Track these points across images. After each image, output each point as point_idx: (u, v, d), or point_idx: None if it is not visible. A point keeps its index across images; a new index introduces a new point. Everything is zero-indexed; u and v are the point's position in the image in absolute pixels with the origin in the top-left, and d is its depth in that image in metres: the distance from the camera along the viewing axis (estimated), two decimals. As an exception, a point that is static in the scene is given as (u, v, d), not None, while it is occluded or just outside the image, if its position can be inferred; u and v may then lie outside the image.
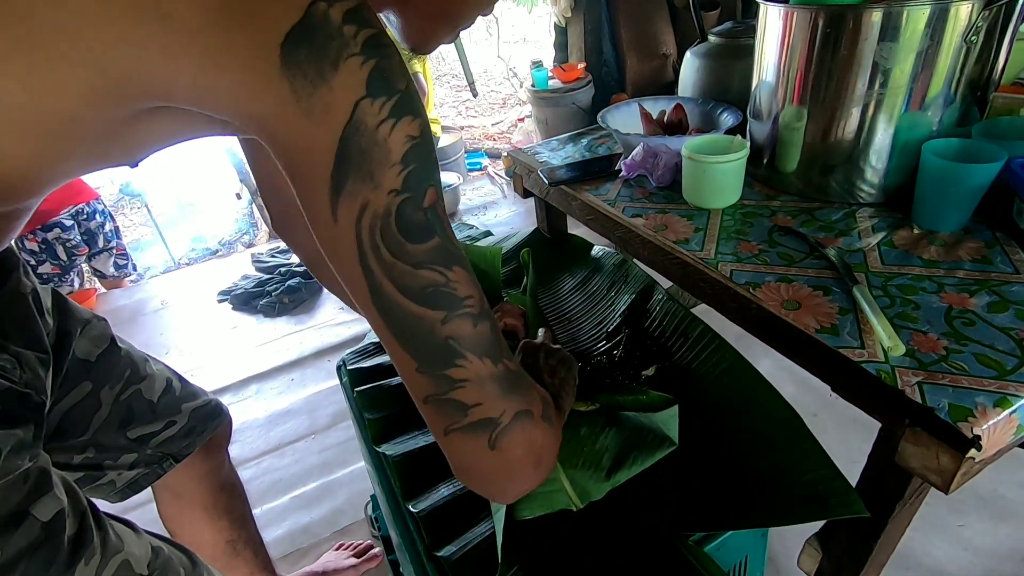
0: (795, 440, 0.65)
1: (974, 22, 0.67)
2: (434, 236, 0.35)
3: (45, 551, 0.44)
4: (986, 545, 1.07)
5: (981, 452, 0.48)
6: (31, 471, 0.46)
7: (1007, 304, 0.59)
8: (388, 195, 0.34)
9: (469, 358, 0.37)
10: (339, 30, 0.32)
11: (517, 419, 0.39)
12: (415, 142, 0.34)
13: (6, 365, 0.49)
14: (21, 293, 0.55)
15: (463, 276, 0.36)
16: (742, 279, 0.69)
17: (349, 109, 0.32)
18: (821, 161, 0.82)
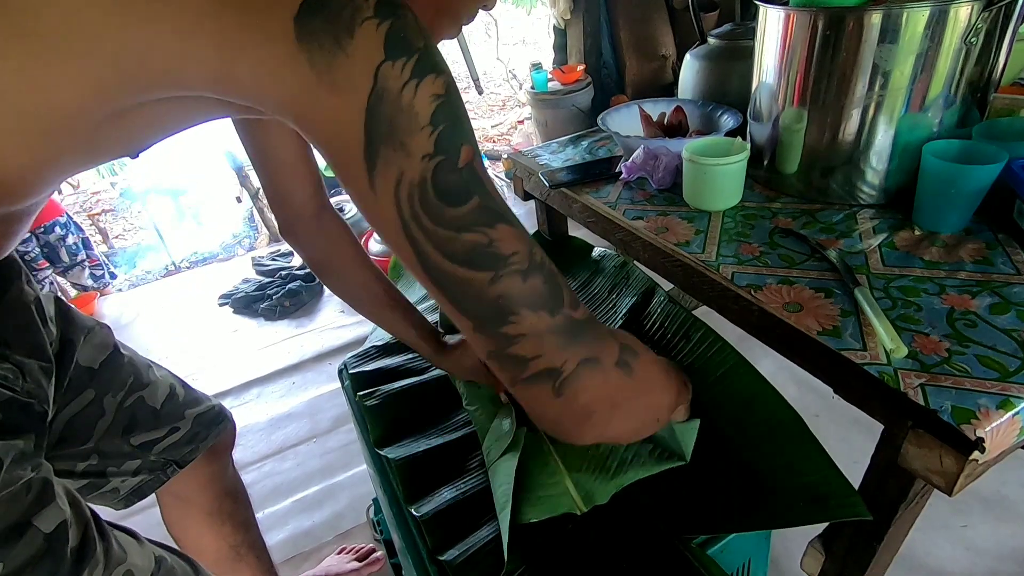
0: (797, 442, 0.65)
1: (974, 23, 0.67)
2: (473, 196, 0.35)
3: (48, 563, 0.44)
4: (989, 546, 1.07)
5: (984, 454, 0.48)
6: (33, 482, 0.45)
7: (1009, 305, 0.59)
8: (421, 161, 0.33)
9: (523, 313, 0.36)
10: None
11: (582, 366, 0.39)
12: (441, 100, 0.33)
13: (8, 375, 0.49)
14: (24, 302, 0.55)
15: (507, 232, 0.36)
16: (743, 281, 0.69)
17: (371, 76, 0.31)
18: (822, 163, 0.82)
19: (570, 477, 0.69)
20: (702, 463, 0.72)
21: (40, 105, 0.32)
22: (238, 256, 3.30)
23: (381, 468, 0.85)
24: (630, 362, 0.43)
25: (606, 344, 0.42)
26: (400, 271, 1.34)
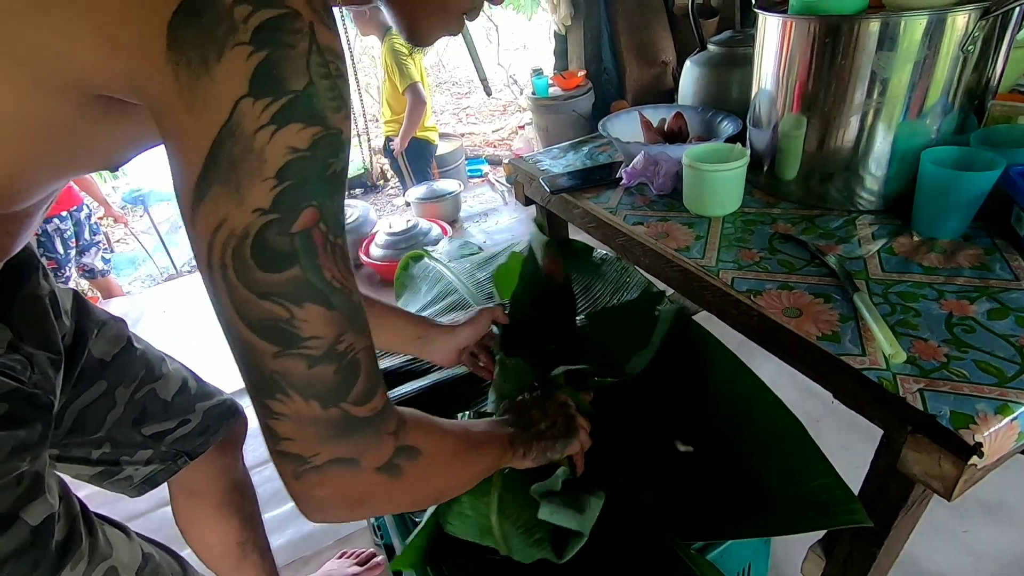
0: (797, 447, 0.65)
1: (971, 32, 0.68)
2: (293, 266, 0.32)
3: (32, 555, 0.45)
4: (990, 551, 1.07)
5: (983, 459, 0.48)
6: (26, 474, 0.46)
7: (1007, 311, 0.59)
8: (252, 213, 0.30)
9: (292, 397, 0.34)
10: (229, 10, 0.28)
11: (333, 464, 0.36)
12: (298, 155, 0.31)
13: (16, 366, 0.50)
14: (39, 295, 0.56)
15: (316, 314, 0.33)
16: (743, 287, 0.69)
17: (228, 108, 0.29)
18: (821, 169, 0.83)
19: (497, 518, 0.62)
20: (701, 468, 0.72)
21: None
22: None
23: None
24: (402, 464, 0.40)
25: (378, 446, 0.38)
26: (404, 280, 1.35)
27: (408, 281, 1.33)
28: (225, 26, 0.28)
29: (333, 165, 0.33)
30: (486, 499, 0.61)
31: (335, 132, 0.32)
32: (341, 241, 0.34)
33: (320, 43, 0.31)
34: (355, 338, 0.35)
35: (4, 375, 0.48)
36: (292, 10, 0.30)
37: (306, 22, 0.30)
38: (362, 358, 0.36)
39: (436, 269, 1.29)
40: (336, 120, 0.32)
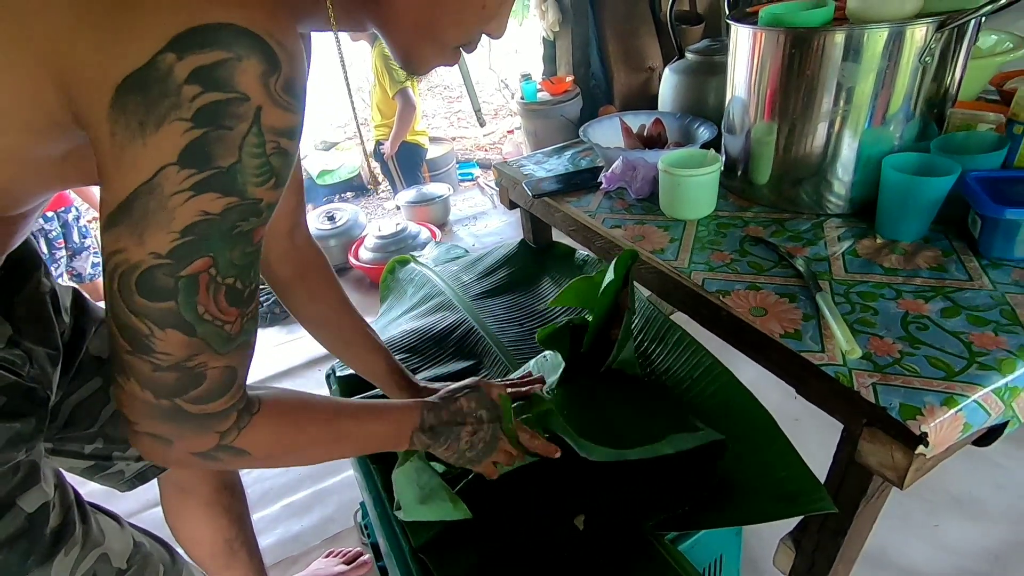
0: (768, 441, 0.68)
1: (928, 44, 0.71)
2: (170, 301, 0.36)
3: (26, 541, 0.47)
4: (960, 545, 1.10)
5: (929, 448, 0.51)
6: (22, 464, 0.48)
7: (959, 309, 0.62)
8: (148, 255, 0.35)
9: (132, 382, 0.39)
10: (177, 88, 0.31)
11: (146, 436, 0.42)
12: (207, 218, 0.35)
13: (16, 360, 0.51)
14: (40, 293, 0.57)
15: (175, 338, 0.38)
16: (713, 287, 0.72)
17: (152, 171, 0.33)
18: (791, 174, 0.86)
19: None
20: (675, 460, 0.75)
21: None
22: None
23: (367, 472, 0.87)
24: (221, 456, 0.44)
25: (197, 438, 0.43)
26: (390, 284, 1.37)
27: (394, 285, 1.35)
28: (170, 102, 0.31)
29: (241, 226, 0.37)
30: None
31: (252, 201, 0.36)
32: (235, 282, 0.39)
33: (264, 124, 0.34)
34: (211, 358, 0.40)
35: (3, 369, 0.50)
36: (240, 95, 0.33)
37: (253, 106, 0.33)
38: (211, 373, 0.40)
39: (422, 273, 1.31)
40: (257, 192, 0.36)
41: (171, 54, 0.31)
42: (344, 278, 2.45)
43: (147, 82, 0.31)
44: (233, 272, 0.38)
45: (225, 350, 0.40)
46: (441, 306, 1.19)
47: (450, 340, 1.09)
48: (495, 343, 1.04)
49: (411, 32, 0.46)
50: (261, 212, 0.37)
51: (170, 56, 0.31)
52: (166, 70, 0.31)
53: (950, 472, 1.25)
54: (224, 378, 0.41)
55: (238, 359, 0.42)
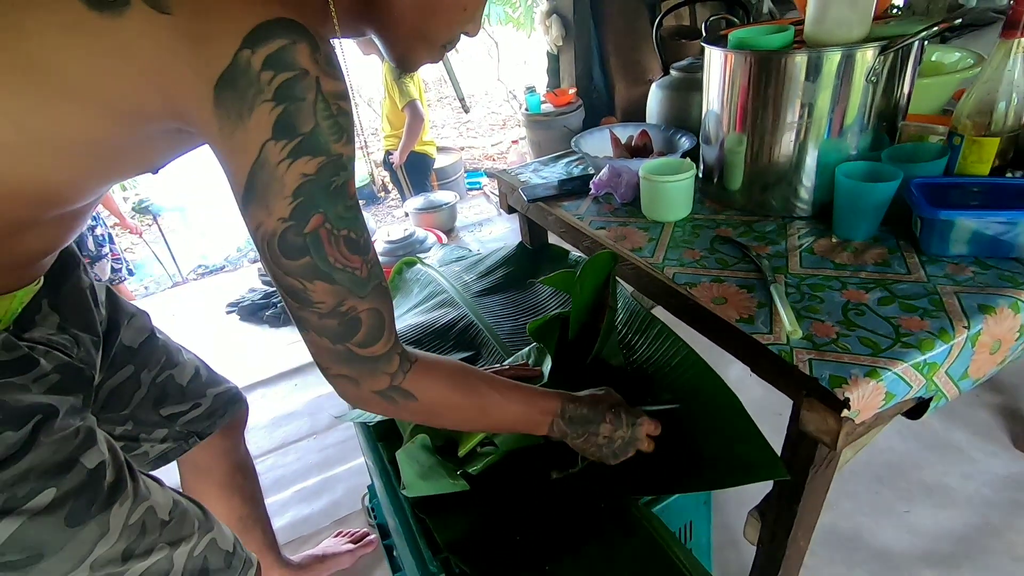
0: (732, 419, 0.76)
1: (872, 65, 0.80)
2: (306, 256, 0.45)
3: (89, 492, 0.54)
4: (928, 528, 1.17)
5: (854, 413, 0.59)
6: (81, 428, 0.56)
7: (894, 298, 0.71)
8: (276, 221, 0.43)
9: (310, 333, 0.49)
10: (257, 76, 0.39)
11: (339, 378, 0.52)
12: (308, 178, 0.43)
13: (66, 343, 0.60)
14: (80, 287, 0.67)
15: (321, 288, 0.46)
16: (682, 280, 0.81)
17: (258, 149, 0.41)
18: (760, 180, 0.95)
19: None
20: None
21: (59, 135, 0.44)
22: (244, 267, 3.43)
23: (379, 457, 0.95)
24: (396, 398, 0.54)
25: (373, 378, 0.52)
26: (397, 284, 1.47)
27: (401, 285, 1.45)
28: (255, 88, 0.40)
29: (335, 181, 0.45)
30: None
31: (336, 157, 0.45)
32: (348, 232, 0.47)
33: (324, 91, 0.43)
34: (356, 301, 0.49)
35: (58, 351, 0.59)
36: (303, 70, 0.41)
37: (313, 78, 0.42)
38: (363, 317, 0.50)
39: (427, 273, 1.41)
40: (337, 148, 0.45)
41: (247, 50, 0.39)
42: (354, 281, 2.56)
43: (235, 77, 0.39)
44: (344, 224, 0.46)
45: (363, 293, 0.49)
46: (444, 303, 1.28)
47: (451, 333, 1.18)
48: (492, 336, 1.13)
49: (407, 36, 0.55)
50: (345, 166, 0.46)
51: (246, 52, 0.39)
52: (245, 64, 0.39)
53: (924, 464, 1.32)
54: (374, 321, 0.50)
55: (379, 302, 0.50)
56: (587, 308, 0.97)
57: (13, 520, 0.49)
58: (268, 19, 0.40)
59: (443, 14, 0.54)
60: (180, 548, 0.62)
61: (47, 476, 0.51)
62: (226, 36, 0.39)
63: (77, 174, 0.50)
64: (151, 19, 0.39)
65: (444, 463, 0.79)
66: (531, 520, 0.77)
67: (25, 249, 0.53)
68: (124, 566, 0.56)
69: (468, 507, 0.80)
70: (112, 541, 0.55)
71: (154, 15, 0.39)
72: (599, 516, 0.76)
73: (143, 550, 0.58)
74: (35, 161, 0.45)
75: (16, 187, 0.46)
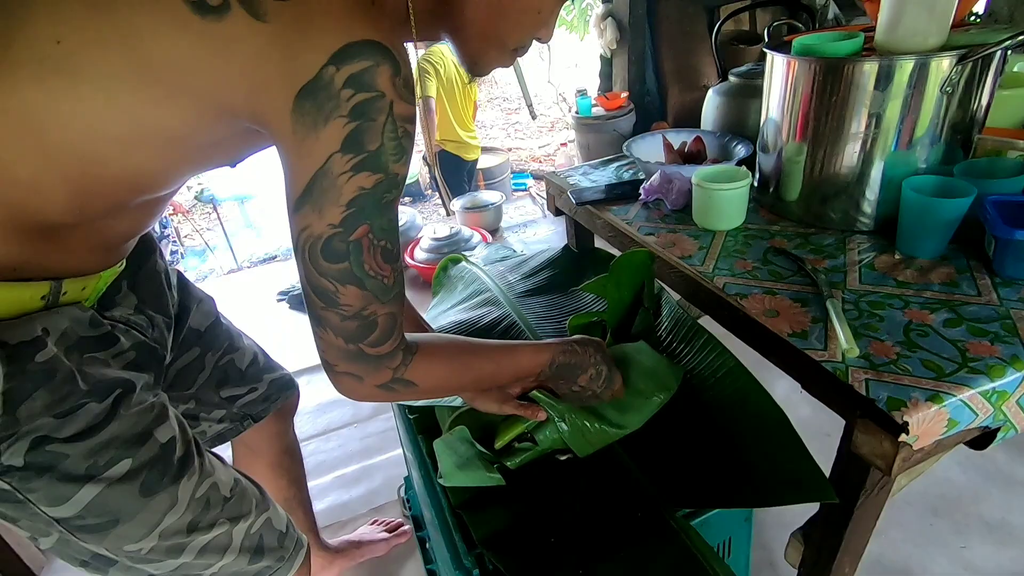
0: (779, 436, 0.74)
1: (948, 75, 0.76)
2: (345, 261, 0.47)
3: (161, 464, 0.58)
4: (987, 568, 1.10)
5: (912, 439, 0.56)
6: (155, 404, 0.60)
7: (962, 320, 0.67)
8: (326, 226, 0.46)
9: (328, 332, 0.51)
10: (337, 93, 0.41)
11: (344, 375, 0.53)
12: (364, 192, 0.45)
13: (143, 323, 0.64)
14: (157, 271, 0.71)
15: (351, 292, 0.49)
16: (733, 291, 0.79)
17: (324, 158, 0.44)
18: (819, 192, 0.92)
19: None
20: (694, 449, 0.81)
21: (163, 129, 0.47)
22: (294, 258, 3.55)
23: (418, 450, 0.97)
24: (397, 388, 0.56)
25: (377, 374, 0.54)
26: (442, 280, 1.49)
27: (446, 281, 1.47)
28: (333, 103, 0.42)
29: (387, 197, 0.48)
30: None
31: (392, 176, 0.47)
32: (386, 243, 0.50)
33: (396, 114, 0.45)
34: (378, 307, 0.51)
35: (136, 330, 0.63)
36: (380, 92, 0.43)
37: (387, 101, 0.44)
38: (380, 320, 0.52)
39: (472, 271, 1.42)
40: (395, 168, 0.47)
41: (332, 67, 0.41)
42: (399, 276, 2.62)
43: (316, 90, 0.42)
44: (384, 235, 0.49)
45: (386, 299, 0.51)
46: (487, 301, 1.29)
47: (494, 332, 1.19)
48: (534, 337, 1.13)
49: (478, 39, 0.56)
50: (399, 184, 0.48)
51: (331, 68, 0.41)
52: (328, 79, 0.42)
53: (984, 498, 1.24)
54: (389, 324, 0.52)
55: (396, 307, 0.53)
56: (625, 309, 0.96)
57: (94, 486, 0.52)
58: (356, 40, 0.42)
59: (516, 17, 0.55)
60: (239, 525, 0.65)
61: (125, 447, 0.54)
62: (315, 50, 0.42)
63: (170, 164, 0.54)
64: (250, 25, 0.42)
65: (482, 455, 0.80)
66: (567, 523, 0.77)
67: (113, 232, 0.57)
68: (189, 537, 0.60)
69: (505, 504, 0.80)
70: (180, 512, 0.58)
71: (252, 21, 0.42)
72: (636, 525, 0.76)
73: (207, 523, 0.61)
74: (142, 153, 0.49)
75: (120, 175, 0.50)
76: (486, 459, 0.80)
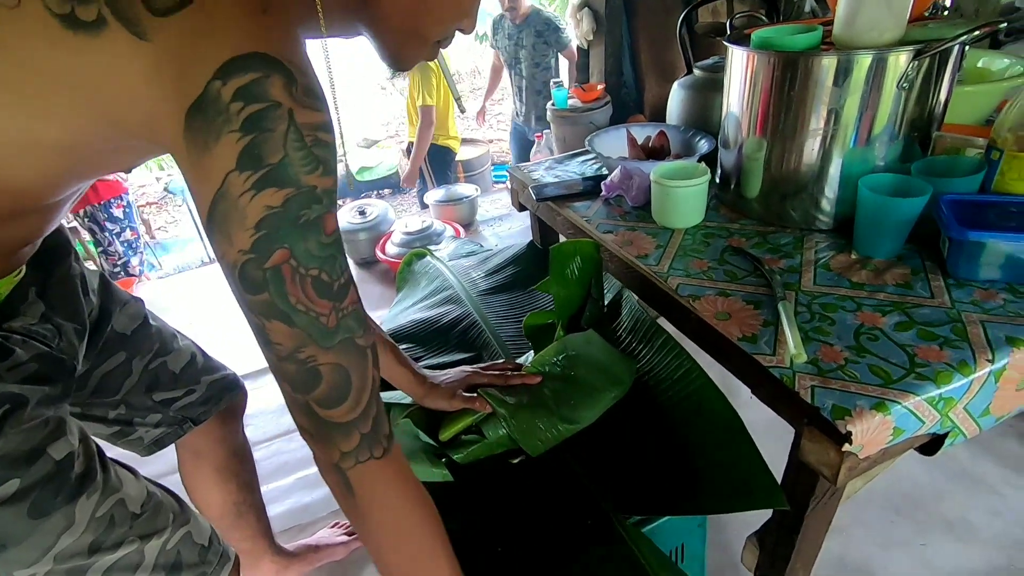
0: (735, 441, 0.72)
1: (905, 71, 0.74)
2: (264, 292, 0.42)
3: (55, 483, 0.54)
4: (946, 565, 1.11)
5: (857, 448, 0.55)
6: (51, 419, 0.56)
7: (913, 324, 0.65)
8: (237, 252, 0.41)
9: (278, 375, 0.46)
10: (226, 107, 0.38)
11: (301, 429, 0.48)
12: (273, 211, 0.40)
13: (47, 334, 0.60)
14: (71, 276, 0.67)
15: (279, 328, 0.43)
16: (686, 292, 0.77)
17: (220, 179, 0.40)
18: (779, 189, 0.89)
19: None
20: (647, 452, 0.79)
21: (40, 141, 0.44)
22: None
23: None
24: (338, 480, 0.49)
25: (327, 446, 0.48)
26: (406, 276, 1.45)
27: (410, 276, 1.43)
28: (222, 118, 0.39)
29: (306, 215, 0.42)
30: None
31: (308, 189, 0.42)
32: (317, 272, 0.44)
33: (299, 122, 0.41)
34: (317, 351, 0.45)
35: (37, 341, 0.58)
36: (274, 102, 0.40)
37: (285, 109, 0.40)
38: (324, 371, 0.45)
39: (436, 267, 1.39)
40: (309, 180, 0.42)
41: (218, 81, 0.38)
42: (371, 271, 2.57)
43: (205, 106, 0.39)
44: (315, 263, 0.43)
45: (327, 344, 0.45)
46: (449, 299, 1.26)
47: (454, 332, 1.16)
48: (494, 337, 1.11)
49: (398, 33, 0.53)
50: (320, 199, 0.43)
51: (217, 83, 0.38)
52: (216, 94, 0.39)
53: (946, 496, 1.25)
54: (337, 378, 0.46)
55: (347, 359, 0.46)
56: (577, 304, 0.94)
57: None
58: (242, 53, 0.39)
59: (437, 9, 0.51)
60: (152, 541, 0.61)
61: (12, 466, 0.50)
62: (200, 67, 0.39)
63: (54, 174, 0.50)
64: (130, 43, 0.39)
65: (427, 448, 0.78)
66: (515, 531, 0.75)
67: (5, 238, 0.52)
68: (91, 559, 0.56)
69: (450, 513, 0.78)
70: (78, 533, 0.55)
71: (133, 40, 0.39)
72: (585, 533, 0.73)
73: (111, 543, 0.57)
74: (21, 163, 0.45)
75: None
76: (432, 452, 0.77)
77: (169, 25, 0.39)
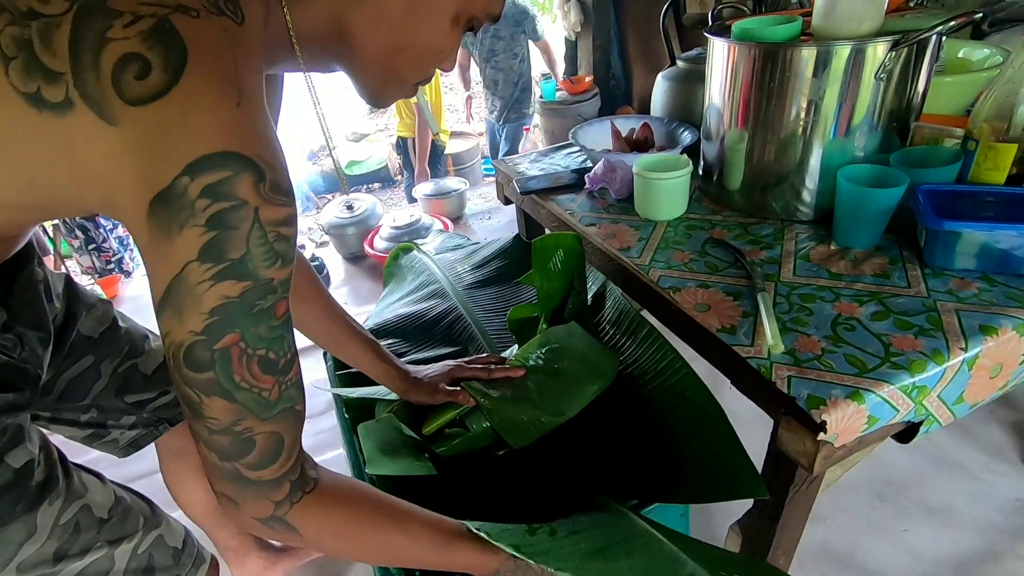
0: (717, 433, 0.72)
1: (883, 62, 0.74)
2: (210, 371, 0.43)
3: (14, 491, 0.53)
4: (927, 550, 1.12)
5: (832, 437, 0.55)
6: (9, 427, 0.55)
7: (889, 313, 0.66)
8: (188, 333, 0.42)
9: (203, 445, 0.46)
10: (191, 203, 0.39)
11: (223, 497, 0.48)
12: (229, 300, 0.41)
13: (8, 344, 0.59)
14: (34, 281, 0.65)
15: (218, 404, 0.44)
16: (667, 284, 0.77)
17: (180, 266, 0.40)
18: (761, 181, 0.90)
19: None
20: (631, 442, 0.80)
21: None
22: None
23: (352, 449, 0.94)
24: (277, 528, 0.49)
25: (256, 504, 0.48)
26: (393, 270, 1.45)
27: (397, 271, 1.43)
28: (187, 212, 0.39)
29: (260, 304, 0.43)
30: None
31: (264, 282, 0.43)
32: (264, 351, 0.45)
33: (263, 219, 0.41)
34: (255, 423, 0.45)
35: None
36: (240, 201, 0.40)
37: (251, 208, 0.41)
38: (259, 439, 0.46)
39: (422, 261, 1.38)
40: (268, 273, 0.43)
41: (186, 177, 0.38)
42: (360, 265, 2.56)
43: (169, 199, 0.39)
44: (263, 344, 0.44)
45: (267, 416, 0.45)
46: (435, 294, 1.26)
47: (439, 327, 1.16)
48: (480, 331, 1.11)
49: (377, 75, 0.53)
50: (276, 289, 0.44)
51: (185, 179, 0.39)
52: (182, 190, 0.39)
53: (928, 482, 1.26)
54: (271, 444, 0.46)
55: (283, 426, 0.46)
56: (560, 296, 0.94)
57: None
58: (213, 151, 0.39)
59: (416, 57, 0.52)
60: (122, 546, 0.61)
61: None
62: (169, 161, 0.39)
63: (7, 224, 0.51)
64: (97, 128, 0.38)
65: (410, 442, 0.78)
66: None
67: None
68: (56, 567, 0.55)
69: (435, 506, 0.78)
70: (41, 541, 0.54)
71: (101, 124, 0.38)
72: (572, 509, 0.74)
73: (78, 550, 0.57)
74: None
75: None
76: (415, 446, 0.77)
77: (140, 114, 0.38)
